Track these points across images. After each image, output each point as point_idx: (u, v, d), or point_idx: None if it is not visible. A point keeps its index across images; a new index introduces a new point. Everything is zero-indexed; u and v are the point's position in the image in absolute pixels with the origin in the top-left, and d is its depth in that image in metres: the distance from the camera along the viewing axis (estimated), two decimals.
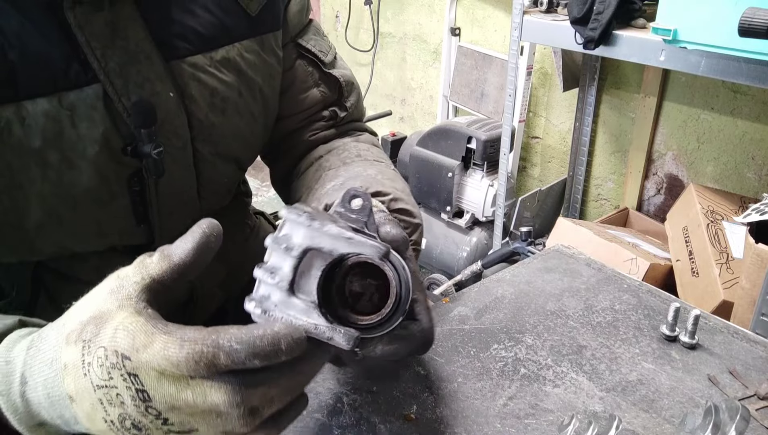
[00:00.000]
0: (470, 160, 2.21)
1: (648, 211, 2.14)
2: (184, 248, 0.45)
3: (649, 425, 0.61)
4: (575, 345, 0.72)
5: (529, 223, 2.13)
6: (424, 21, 2.73)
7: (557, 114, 2.31)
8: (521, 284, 0.85)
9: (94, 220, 0.64)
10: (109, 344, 0.40)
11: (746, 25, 0.96)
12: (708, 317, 0.78)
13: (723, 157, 1.90)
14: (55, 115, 0.56)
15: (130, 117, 0.60)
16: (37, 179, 0.58)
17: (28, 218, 0.59)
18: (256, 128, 0.76)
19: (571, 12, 1.52)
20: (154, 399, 0.40)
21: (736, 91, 1.80)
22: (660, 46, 1.37)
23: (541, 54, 2.25)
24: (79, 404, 0.41)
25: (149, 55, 0.61)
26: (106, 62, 0.58)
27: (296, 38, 0.80)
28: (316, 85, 0.81)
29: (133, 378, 0.40)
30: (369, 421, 0.60)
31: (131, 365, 0.40)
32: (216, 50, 0.68)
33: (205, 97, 0.68)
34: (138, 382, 0.40)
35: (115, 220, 0.65)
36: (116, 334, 0.40)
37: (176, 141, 0.66)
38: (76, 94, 0.57)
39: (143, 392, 0.40)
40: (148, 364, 0.40)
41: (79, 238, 0.64)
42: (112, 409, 0.41)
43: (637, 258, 1.61)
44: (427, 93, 2.86)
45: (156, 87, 0.62)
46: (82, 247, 0.66)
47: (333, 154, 0.81)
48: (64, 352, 0.42)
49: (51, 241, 0.63)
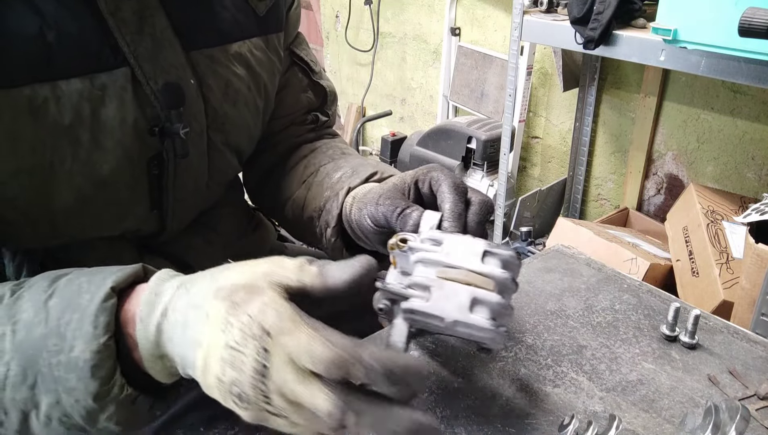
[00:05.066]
0: (470, 160, 2.21)
1: (648, 211, 2.14)
2: (341, 277, 0.47)
3: (649, 425, 0.61)
4: (575, 345, 0.72)
5: (529, 223, 2.13)
6: (424, 21, 2.73)
7: (557, 114, 2.31)
8: (521, 284, 0.85)
9: (116, 202, 0.66)
10: (256, 315, 0.43)
11: (746, 25, 0.96)
12: (708, 317, 0.78)
13: (723, 157, 1.90)
14: (88, 96, 0.59)
15: (158, 99, 0.63)
16: (68, 158, 0.60)
17: (57, 199, 0.61)
18: (258, 121, 0.80)
19: (571, 12, 1.52)
20: (271, 378, 0.42)
21: (736, 91, 1.80)
22: (660, 46, 1.37)
23: (541, 54, 2.25)
24: (204, 352, 0.44)
25: (172, 44, 0.65)
26: (135, 47, 0.61)
27: (291, 46, 0.85)
28: (304, 91, 0.87)
29: (265, 353, 0.42)
30: None
31: (270, 342, 0.42)
32: (230, 44, 0.72)
33: (221, 88, 0.71)
34: (267, 359, 0.42)
35: (133, 204, 0.67)
36: (266, 309, 0.43)
37: (196, 126, 0.69)
38: (108, 76, 0.60)
39: (266, 368, 0.42)
40: (285, 348, 0.42)
41: (100, 222, 0.66)
42: (230, 371, 0.43)
43: (637, 258, 1.61)
44: (427, 93, 2.86)
45: (180, 73, 0.65)
46: (100, 232, 0.68)
47: (320, 152, 0.85)
48: (210, 303, 0.45)
49: (74, 225, 0.64)
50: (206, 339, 0.44)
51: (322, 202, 0.76)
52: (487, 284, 0.53)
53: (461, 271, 0.53)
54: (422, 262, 0.54)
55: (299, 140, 0.88)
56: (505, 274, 0.53)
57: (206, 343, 0.44)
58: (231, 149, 0.76)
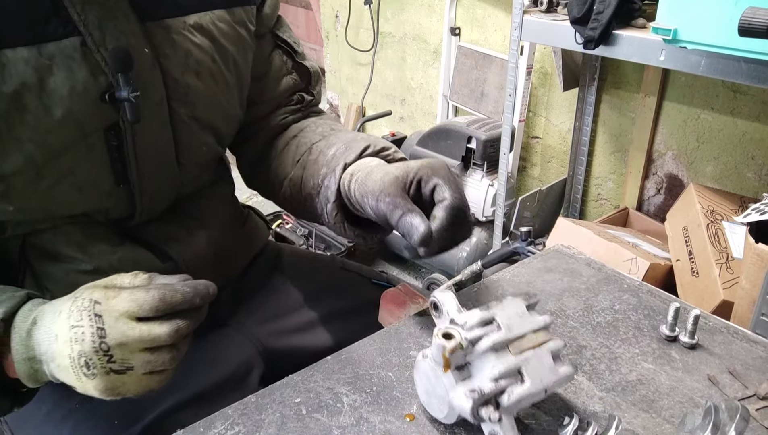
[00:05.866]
0: (470, 160, 2.21)
1: (648, 211, 2.14)
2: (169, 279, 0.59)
3: (648, 425, 0.61)
4: (575, 345, 0.72)
5: (529, 223, 2.13)
6: (424, 21, 2.73)
7: (557, 114, 2.31)
8: (521, 284, 0.85)
9: (73, 173, 0.66)
10: (87, 295, 0.55)
11: (746, 25, 0.96)
12: (708, 317, 0.78)
13: (723, 156, 1.90)
14: (35, 64, 0.60)
15: (108, 65, 0.64)
16: (16, 123, 0.61)
17: (6, 163, 0.62)
18: (231, 98, 0.80)
19: (571, 12, 1.51)
20: (108, 335, 0.53)
21: (736, 91, 1.80)
22: (660, 46, 1.37)
23: (541, 54, 2.25)
24: (58, 341, 0.54)
25: (126, 14, 0.66)
26: (85, 15, 0.62)
27: (273, 29, 0.87)
28: (289, 73, 0.89)
29: (98, 318, 0.53)
30: (369, 421, 0.60)
31: (99, 308, 0.53)
32: (188, 15, 0.72)
33: (180, 58, 0.71)
34: (100, 322, 0.53)
35: (93, 177, 0.68)
36: (94, 290, 0.55)
37: (153, 94, 0.69)
38: (56, 45, 0.61)
39: (102, 329, 0.53)
40: (114, 307, 0.53)
41: (60, 196, 0.67)
42: (76, 346, 0.53)
43: (637, 258, 1.61)
44: (427, 93, 2.86)
45: (131, 41, 0.66)
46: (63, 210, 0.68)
47: (309, 130, 0.87)
48: (64, 304, 0.56)
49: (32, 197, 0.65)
50: (59, 329, 0.54)
51: (319, 179, 0.76)
52: (546, 333, 0.57)
53: (529, 336, 0.56)
54: (493, 349, 0.54)
55: (287, 120, 0.90)
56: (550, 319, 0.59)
57: (60, 333, 0.54)
58: (201, 125, 0.76)
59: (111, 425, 0.71)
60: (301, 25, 3.67)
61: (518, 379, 0.54)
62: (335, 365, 0.68)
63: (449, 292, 0.58)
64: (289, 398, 0.63)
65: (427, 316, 0.78)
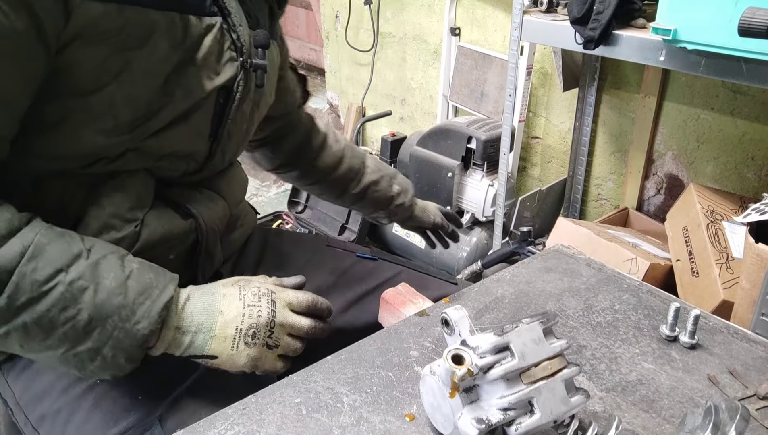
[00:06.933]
0: (470, 160, 2.21)
1: (648, 211, 2.14)
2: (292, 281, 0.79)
3: (649, 425, 0.61)
4: (575, 345, 0.72)
5: (529, 223, 2.13)
6: (424, 21, 2.73)
7: (557, 114, 2.31)
8: (521, 284, 0.85)
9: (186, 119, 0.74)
10: (260, 286, 0.73)
11: (746, 25, 0.96)
12: (708, 317, 0.78)
13: (723, 157, 1.90)
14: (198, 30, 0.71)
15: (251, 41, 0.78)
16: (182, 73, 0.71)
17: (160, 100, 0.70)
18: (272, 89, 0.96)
19: (571, 12, 1.51)
20: (276, 318, 0.71)
21: (736, 91, 1.80)
22: (660, 46, 1.37)
23: (541, 54, 2.25)
24: (224, 316, 0.69)
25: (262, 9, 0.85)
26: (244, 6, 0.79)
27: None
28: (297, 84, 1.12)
29: (273, 303, 0.72)
30: (369, 421, 0.60)
31: (274, 296, 0.73)
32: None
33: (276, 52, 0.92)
34: (273, 305, 0.72)
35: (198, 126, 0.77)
36: (262, 283, 0.74)
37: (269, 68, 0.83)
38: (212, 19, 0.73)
39: (274, 311, 0.71)
40: (283, 299, 0.73)
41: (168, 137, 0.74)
42: (249, 320, 0.69)
43: (637, 258, 1.61)
44: (427, 93, 2.86)
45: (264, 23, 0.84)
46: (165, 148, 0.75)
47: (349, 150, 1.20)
48: (222, 289, 0.72)
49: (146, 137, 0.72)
50: (226, 307, 0.69)
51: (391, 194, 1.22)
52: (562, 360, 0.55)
53: (543, 365, 0.54)
54: (505, 378, 0.52)
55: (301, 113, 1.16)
56: (567, 343, 0.57)
57: (227, 310, 0.69)
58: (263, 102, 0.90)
59: (134, 400, 0.72)
60: (302, 25, 3.67)
61: (528, 409, 0.53)
62: (335, 365, 0.68)
63: (463, 310, 0.57)
64: (289, 398, 0.63)
65: (428, 316, 0.78)
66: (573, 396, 0.55)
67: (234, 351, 0.68)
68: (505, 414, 0.52)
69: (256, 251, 1.01)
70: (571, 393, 0.55)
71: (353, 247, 1.10)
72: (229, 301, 0.70)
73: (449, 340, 0.57)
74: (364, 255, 1.06)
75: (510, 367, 0.52)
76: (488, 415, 0.52)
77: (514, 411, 0.52)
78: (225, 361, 0.69)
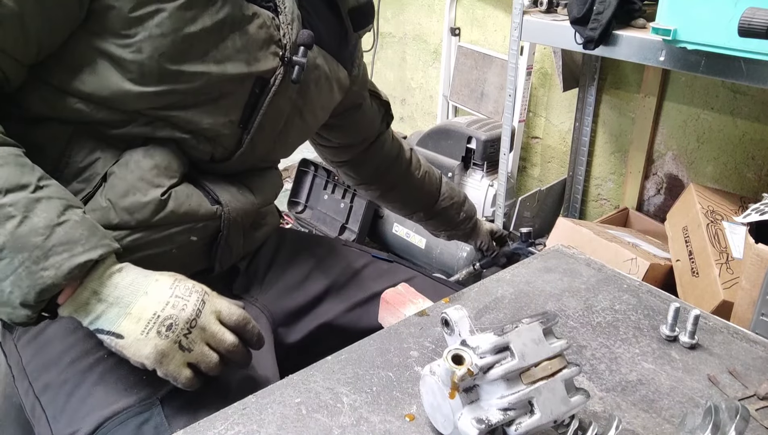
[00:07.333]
0: (470, 160, 2.21)
1: (648, 211, 2.14)
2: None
3: (649, 425, 0.61)
4: (575, 345, 0.72)
5: (529, 223, 2.13)
6: (424, 21, 2.73)
7: (557, 114, 2.31)
8: (521, 284, 0.85)
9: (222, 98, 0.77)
10: (194, 285, 0.69)
11: (746, 25, 0.96)
12: (708, 317, 0.78)
13: (723, 157, 1.90)
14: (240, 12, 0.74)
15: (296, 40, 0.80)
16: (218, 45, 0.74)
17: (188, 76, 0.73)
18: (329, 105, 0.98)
19: (571, 12, 1.51)
20: (200, 319, 0.67)
21: (736, 91, 1.80)
22: (660, 46, 1.37)
23: (541, 54, 2.25)
24: (148, 297, 0.66)
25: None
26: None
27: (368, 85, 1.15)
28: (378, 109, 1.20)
29: (202, 304, 0.68)
30: (369, 421, 0.60)
31: (206, 298, 0.69)
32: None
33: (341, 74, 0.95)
34: (202, 305, 0.68)
35: (231, 108, 0.79)
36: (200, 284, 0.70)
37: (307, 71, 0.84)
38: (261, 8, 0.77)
39: (199, 311, 0.67)
40: (215, 305, 0.69)
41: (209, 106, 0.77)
42: (170, 309, 0.66)
43: (637, 258, 1.61)
44: (427, 93, 2.86)
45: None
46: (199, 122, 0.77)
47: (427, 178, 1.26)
48: (158, 275, 0.69)
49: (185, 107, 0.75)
50: (153, 290, 0.66)
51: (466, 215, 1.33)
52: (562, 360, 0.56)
53: (543, 365, 0.54)
54: (504, 378, 0.53)
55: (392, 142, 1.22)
56: (567, 343, 0.57)
57: (153, 293, 0.66)
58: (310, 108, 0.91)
59: (139, 379, 0.72)
60: None
61: (528, 409, 0.53)
62: (335, 365, 0.68)
63: (463, 311, 0.57)
64: (289, 398, 0.63)
65: (427, 316, 0.78)
66: (573, 396, 0.55)
67: (143, 336, 0.64)
68: (505, 414, 0.52)
69: (271, 249, 1.02)
70: (571, 393, 0.55)
71: (368, 249, 1.10)
72: (159, 286, 0.67)
73: (449, 340, 0.57)
74: (379, 256, 1.06)
75: (510, 367, 0.53)
76: (488, 415, 0.52)
77: (514, 411, 0.52)
78: (130, 344, 0.64)
